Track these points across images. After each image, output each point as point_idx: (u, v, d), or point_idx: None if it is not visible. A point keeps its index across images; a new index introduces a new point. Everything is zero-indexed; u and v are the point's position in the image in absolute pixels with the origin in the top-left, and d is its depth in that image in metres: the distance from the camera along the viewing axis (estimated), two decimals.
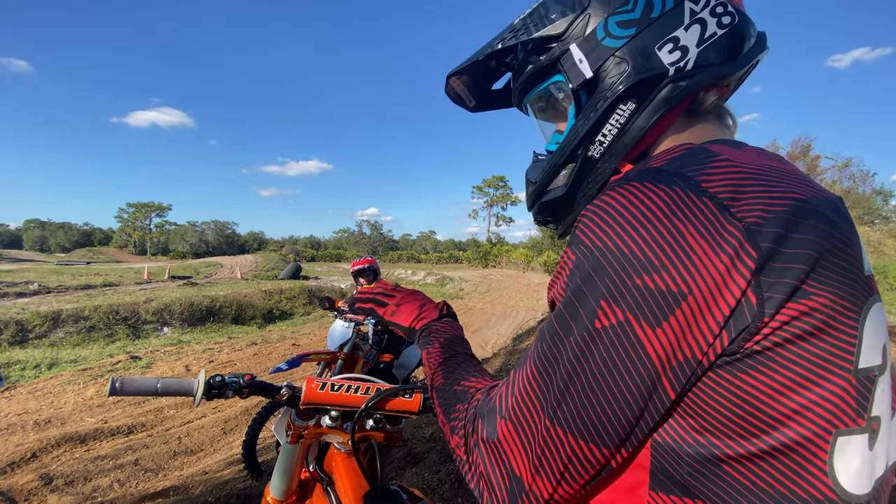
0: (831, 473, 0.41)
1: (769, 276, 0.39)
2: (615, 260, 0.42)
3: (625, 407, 0.43)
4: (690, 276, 0.40)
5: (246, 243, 70.09)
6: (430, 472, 2.90)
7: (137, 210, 65.24)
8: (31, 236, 66.67)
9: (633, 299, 0.41)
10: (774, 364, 0.40)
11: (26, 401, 5.17)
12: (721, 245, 0.40)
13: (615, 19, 0.56)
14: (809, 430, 0.40)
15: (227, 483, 3.13)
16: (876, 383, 0.43)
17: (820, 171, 20.10)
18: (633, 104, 0.56)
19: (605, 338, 0.43)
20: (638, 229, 0.42)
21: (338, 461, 1.14)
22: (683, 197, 0.42)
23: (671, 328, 0.40)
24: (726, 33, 0.55)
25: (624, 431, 0.44)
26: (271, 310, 12.49)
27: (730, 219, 0.40)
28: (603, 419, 0.44)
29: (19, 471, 3.57)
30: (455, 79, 0.73)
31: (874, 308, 0.44)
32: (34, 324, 8.45)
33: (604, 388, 0.43)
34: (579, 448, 0.45)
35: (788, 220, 0.40)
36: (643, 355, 0.41)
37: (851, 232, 0.44)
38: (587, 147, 0.60)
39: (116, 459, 3.78)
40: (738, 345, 0.40)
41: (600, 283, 0.43)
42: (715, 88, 0.58)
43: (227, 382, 0.90)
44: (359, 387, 0.99)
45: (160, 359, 7.24)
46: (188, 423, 4.65)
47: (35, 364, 6.67)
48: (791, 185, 0.43)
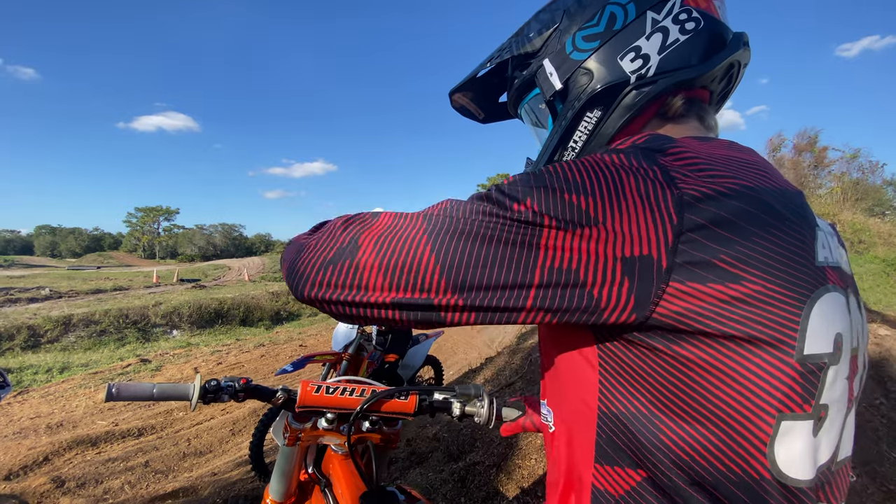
0: (770, 455, 0.42)
1: (687, 245, 0.41)
2: (556, 178, 0.45)
3: (497, 269, 0.44)
4: (611, 210, 0.42)
5: (253, 245, 70.55)
6: (434, 472, 2.91)
7: (146, 214, 65.88)
8: (43, 242, 67.60)
9: (553, 203, 0.43)
10: (704, 338, 0.42)
11: (38, 404, 5.25)
12: (650, 202, 0.42)
13: (582, 34, 0.60)
14: (748, 410, 0.42)
15: (235, 484, 3.16)
16: (825, 371, 0.44)
17: (828, 162, 19.84)
18: (600, 111, 0.60)
19: (512, 217, 0.44)
20: (587, 168, 0.45)
21: (335, 463, 1.15)
22: (634, 161, 0.45)
23: (572, 237, 0.43)
24: (690, 38, 0.56)
25: (479, 283, 0.45)
26: (279, 311, 12.57)
27: (670, 186, 0.43)
28: (479, 263, 0.45)
29: (32, 474, 3.63)
30: (458, 95, 0.79)
31: (828, 297, 0.44)
32: (46, 329, 8.57)
33: (491, 253, 0.45)
34: (433, 272, 0.46)
35: (724, 203, 0.42)
36: (536, 242, 0.43)
37: (800, 224, 0.45)
38: (561, 153, 0.63)
39: (127, 461, 3.82)
40: (650, 307, 0.42)
41: (534, 185, 0.45)
42: (684, 92, 0.60)
43: (223, 386, 0.92)
44: (354, 389, 1.00)
45: (169, 361, 7.31)
46: (197, 424, 4.70)
47: (47, 368, 6.76)
48: (743, 174, 0.45)
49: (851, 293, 0.53)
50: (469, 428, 3.41)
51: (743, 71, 0.65)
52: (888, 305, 9.33)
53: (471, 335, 9.49)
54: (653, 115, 0.61)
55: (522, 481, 2.61)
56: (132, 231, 66.47)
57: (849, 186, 18.43)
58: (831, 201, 17.87)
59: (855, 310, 0.52)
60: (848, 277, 0.54)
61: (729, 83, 0.65)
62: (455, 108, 0.82)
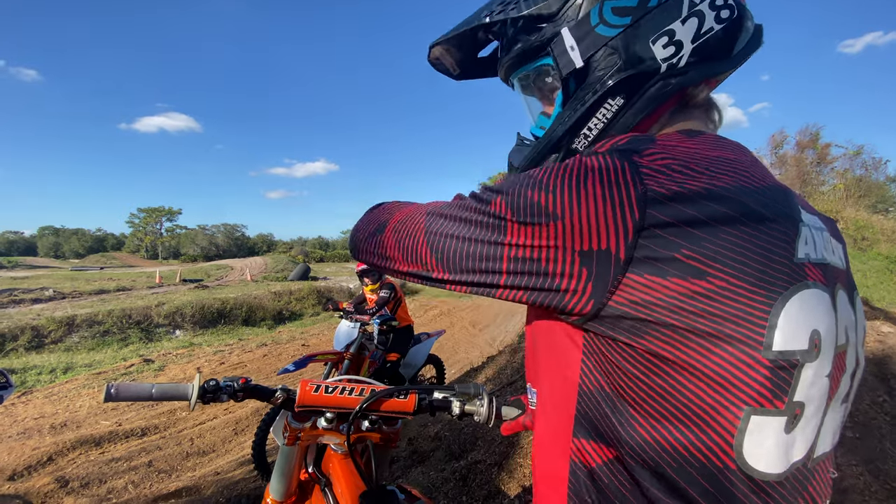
0: (737, 447, 0.43)
1: (648, 240, 0.41)
2: (528, 180, 0.47)
3: (474, 256, 0.50)
4: (570, 207, 0.43)
5: (255, 245, 70.68)
6: (436, 471, 2.91)
7: (148, 215, 66.02)
8: (46, 243, 67.84)
9: (518, 201, 0.46)
10: (669, 332, 0.42)
11: (42, 405, 5.27)
12: (613, 198, 0.42)
13: (611, 4, 0.53)
14: (715, 402, 0.42)
15: (238, 483, 3.17)
16: (799, 369, 0.43)
17: (831, 159, 19.71)
18: (622, 100, 0.54)
19: (487, 212, 0.49)
20: (560, 170, 0.46)
21: (335, 462, 1.15)
22: (609, 161, 0.45)
23: (531, 232, 0.45)
24: (724, 28, 0.52)
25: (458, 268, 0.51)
26: (281, 311, 12.58)
27: (636, 184, 0.43)
28: (458, 252, 0.51)
29: (36, 474, 3.64)
30: (439, 48, 0.69)
31: (804, 294, 0.44)
32: (50, 329, 8.59)
33: (466, 240, 0.50)
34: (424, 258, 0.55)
35: (693, 201, 0.42)
36: (503, 234, 0.47)
37: (779, 221, 0.45)
38: (572, 139, 0.58)
39: (130, 461, 3.84)
40: (606, 296, 0.43)
41: (508, 186, 0.48)
42: (706, 83, 0.57)
43: (222, 386, 0.92)
44: (353, 388, 1.00)
45: (172, 361, 7.33)
46: (200, 424, 4.72)
47: (51, 369, 6.78)
48: (717, 172, 0.45)
49: (842, 289, 0.52)
50: (470, 427, 3.41)
51: None
52: (892, 303, 9.29)
53: (472, 334, 9.49)
54: (672, 107, 0.57)
55: (524, 480, 2.60)
56: (135, 232, 66.60)
57: (852, 183, 18.34)
58: (834, 198, 17.80)
59: (845, 306, 0.52)
60: (839, 273, 0.53)
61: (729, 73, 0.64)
62: (430, 61, 0.73)
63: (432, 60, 0.72)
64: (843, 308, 0.51)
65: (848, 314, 0.52)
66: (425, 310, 13.10)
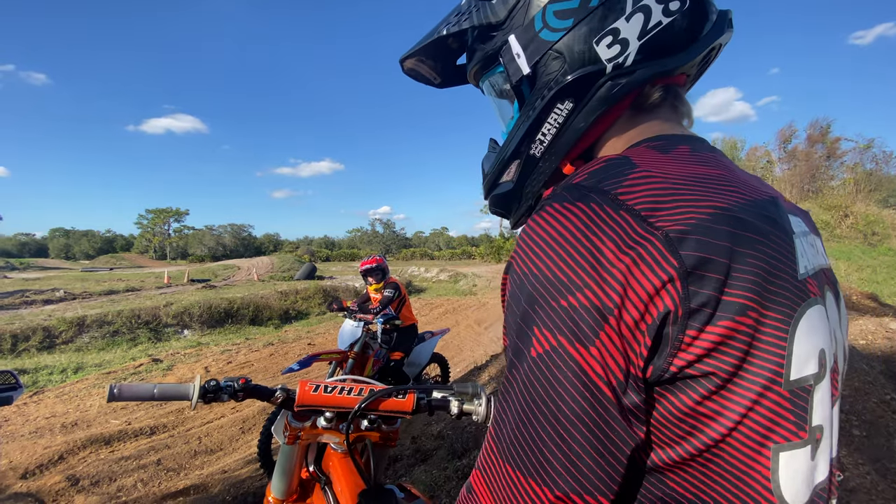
0: (776, 490, 0.40)
1: (694, 284, 0.38)
2: (541, 285, 0.42)
3: (578, 438, 0.39)
4: (613, 289, 0.39)
5: (262, 245, 71.10)
6: (438, 470, 2.92)
7: (156, 216, 66.55)
8: (57, 245, 68.66)
9: (562, 321, 0.40)
10: (705, 382, 0.39)
11: (54, 404, 5.35)
12: (642, 255, 0.39)
13: (553, 8, 0.52)
14: (747, 447, 0.40)
15: (245, 481, 3.21)
16: (813, 392, 0.42)
17: (840, 153, 19.48)
18: (571, 103, 0.53)
19: (542, 365, 0.41)
20: (558, 251, 0.41)
21: (335, 461, 1.16)
22: (600, 212, 0.41)
23: (603, 344, 0.39)
24: (674, 21, 0.49)
25: (586, 468, 0.39)
26: (287, 310, 12.65)
27: (648, 229, 0.39)
28: (559, 456, 0.40)
29: (47, 472, 3.70)
30: (410, 60, 0.68)
31: (809, 313, 0.42)
32: (61, 329, 8.71)
33: (552, 421, 0.40)
34: (542, 494, 0.40)
35: (708, 229, 0.39)
36: (582, 376, 0.39)
37: (780, 235, 0.43)
38: (528, 145, 0.58)
39: (140, 460, 3.89)
40: (668, 360, 0.39)
41: (531, 312, 0.42)
42: (662, 82, 0.54)
43: (222, 386, 0.93)
44: (352, 388, 1.01)
45: (180, 361, 7.41)
46: (208, 423, 4.77)
47: (62, 369, 6.88)
48: (712, 193, 0.42)
49: (829, 290, 0.51)
50: (473, 426, 3.42)
51: (720, 51, 0.58)
52: None
53: (477, 332, 9.49)
54: (627, 107, 0.55)
55: None
56: (143, 232, 67.16)
57: (862, 177, 18.10)
58: (844, 193, 17.59)
59: (832, 307, 0.50)
60: (825, 273, 0.52)
61: (705, 64, 0.60)
62: (407, 73, 0.71)
63: (407, 72, 0.71)
64: (832, 310, 0.50)
65: (834, 314, 0.51)
66: (431, 308, 13.13)
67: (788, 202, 0.55)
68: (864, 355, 3.51)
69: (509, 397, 0.44)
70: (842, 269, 11.20)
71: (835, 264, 11.83)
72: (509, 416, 0.43)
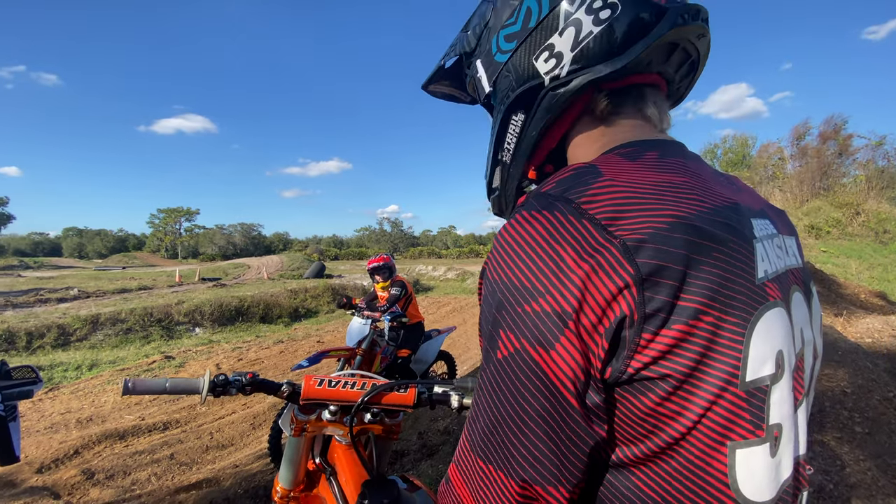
0: (733, 485, 0.42)
1: (649, 290, 0.40)
2: (507, 291, 0.44)
3: (540, 434, 0.42)
4: (572, 295, 0.41)
5: (272, 244, 71.62)
6: (444, 464, 2.96)
7: (168, 215, 67.32)
8: (70, 244, 69.69)
9: (526, 326, 0.42)
10: (662, 384, 0.41)
11: (69, 400, 5.48)
12: (600, 262, 0.41)
13: (504, 32, 0.59)
14: (704, 445, 0.42)
15: (256, 475, 3.27)
16: (769, 393, 0.43)
17: (853, 150, 19.14)
18: (523, 115, 0.59)
19: (506, 367, 0.44)
20: (524, 258, 0.44)
21: (339, 453, 1.21)
22: (563, 221, 0.43)
23: (564, 348, 0.41)
24: (604, 29, 0.51)
25: (548, 462, 0.43)
26: (297, 308, 12.77)
27: (608, 237, 0.41)
28: (522, 451, 0.43)
29: (63, 467, 3.80)
30: (433, 87, 0.77)
31: (768, 316, 0.44)
32: (75, 327, 8.87)
33: (515, 419, 0.43)
34: (508, 484, 0.44)
35: (665, 238, 0.41)
36: (543, 378, 0.42)
37: (738, 244, 0.44)
38: (500, 153, 0.64)
39: (153, 454, 3.99)
40: (625, 362, 0.41)
41: (499, 316, 0.45)
42: (610, 86, 0.56)
43: (231, 381, 0.98)
44: (355, 382, 1.05)
45: (192, 358, 7.52)
46: (220, 419, 4.86)
47: (76, 365, 7.03)
48: (672, 201, 0.44)
49: (797, 290, 0.52)
50: None
51: (702, 48, 0.58)
52: None
53: None
54: (580, 113, 0.59)
55: None
56: (155, 232, 68.01)
57: (874, 175, 17.76)
58: (856, 190, 17.30)
59: (799, 306, 0.52)
60: (793, 273, 0.53)
61: (692, 66, 0.60)
62: (437, 97, 0.79)
63: (436, 96, 0.79)
64: (798, 310, 0.51)
65: (802, 314, 0.52)
66: (438, 306, 13.17)
67: (761, 203, 0.56)
68: (869, 353, 3.49)
69: (480, 396, 0.47)
70: (853, 268, 11.04)
71: (846, 262, 11.66)
72: (479, 413, 0.47)
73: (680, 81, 0.62)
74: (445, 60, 0.70)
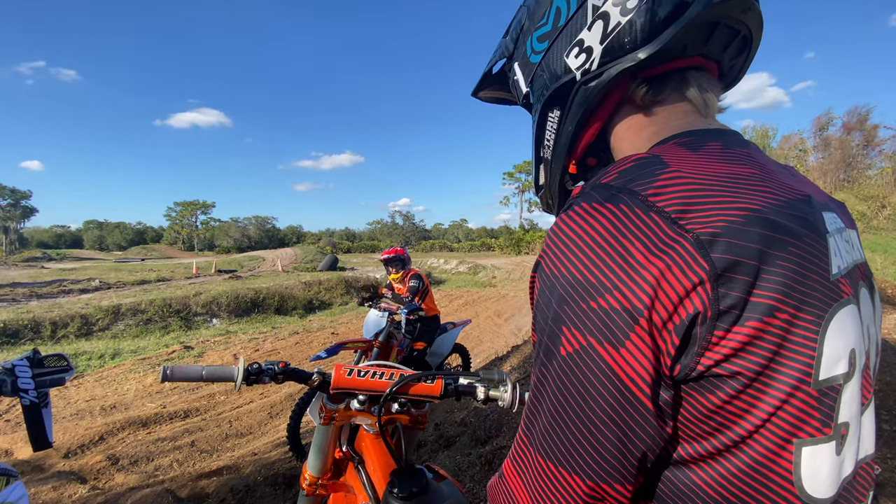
0: (797, 482, 0.41)
1: (724, 286, 0.39)
2: (571, 287, 0.43)
3: (608, 434, 0.42)
4: (644, 291, 0.40)
5: (285, 237, 72.32)
6: (462, 455, 2.98)
7: (184, 208, 68.27)
8: (91, 236, 71.25)
9: (593, 322, 0.41)
10: (732, 382, 0.40)
11: (93, 388, 5.63)
12: (673, 258, 0.39)
13: (536, 34, 0.60)
14: (771, 443, 0.41)
15: (274, 463, 3.33)
16: (841, 392, 0.42)
17: (879, 141, 18.60)
18: (559, 111, 0.59)
19: (573, 364, 0.43)
20: (587, 253, 0.43)
21: (367, 442, 1.22)
22: (630, 214, 0.42)
23: (634, 345, 0.40)
24: (632, 18, 0.50)
25: (615, 461, 0.42)
26: (311, 300, 12.91)
27: (679, 231, 0.40)
28: (589, 450, 0.43)
29: (89, 452, 3.92)
30: (483, 93, 0.79)
31: (841, 313, 0.42)
32: (97, 317, 9.10)
33: (583, 417, 0.42)
34: (573, 482, 0.44)
35: (739, 231, 0.39)
36: (612, 377, 0.41)
37: (813, 238, 0.43)
38: (541, 150, 0.65)
39: (175, 441, 4.08)
40: (695, 359, 0.40)
41: (561, 312, 0.43)
42: (645, 74, 0.55)
43: (264, 369, 0.99)
44: (384, 373, 1.06)
45: (210, 348, 7.67)
46: (238, 408, 4.95)
47: (100, 354, 7.22)
48: (744, 194, 0.42)
49: (863, 286, 0.50)
50: (496, 413, 3.46)
51: (751, 22, 0.54)
52: None
53: (497, 324, 9.51)
54: (617, 104, 0.58)
55: None
56: (172, 224, 69.07)
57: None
58: (882, 182, 16.83)
59: (866, 303, 0.50)
60: (860, 268, 0.52)
61: (743, 43, 0.57)
62: (486, 101, 0.81)
63: (485, 101, 0.81)
64: (866, 306, 0.50)
65: (868, 310, 0.51)
66: (451, 299, 13.20)
67: (824, 195, 0.54)
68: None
69: (542, 393, 0.46)
70: (878, 262, 10.77)
71: (871, 257, 11.37)
72: (542, 410, 0.46)
73: (731, 60, 0.59)
74: (492, 66, 0.72)
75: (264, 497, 2.89)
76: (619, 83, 0.55)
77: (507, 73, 0.71)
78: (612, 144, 0.61)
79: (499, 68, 0.72)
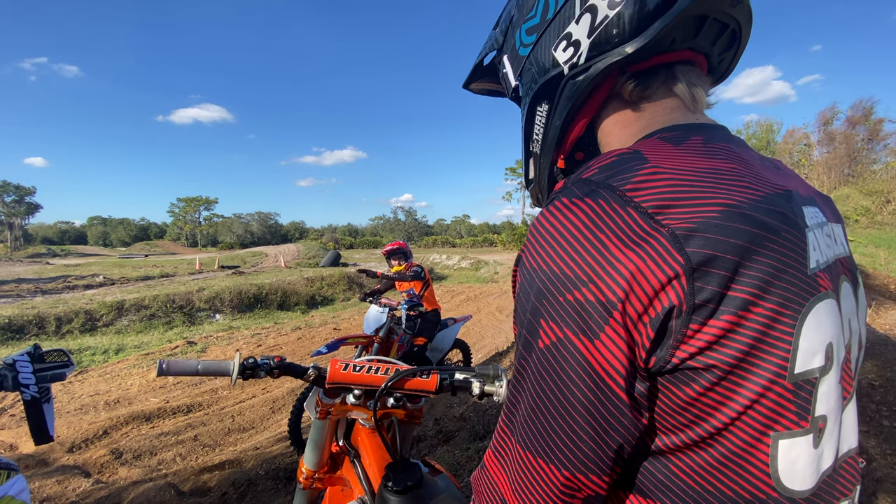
0: (774, 474, 0.42)
1: (700, 280, 0.39)
2: (548, 280, 0.44)
3: (584, 425, 0.43)
4: (618, 285, 0.40)
5: (288, 233, 72.56)
6: (461, 450, 2.99)
7: (187, 204, 68.47)
8: (95, 232, 71.68)
9: (569, 315, 0.42)
10: (707, 374, 0.41)
11: (97, 383, 5.68)
12: (648, 252, 0.40)
13: (525, 27, 0.60)
14: (747, 435, 0.41)
15: (276, 458, 3.35)
16: (817, 385, 0.43)
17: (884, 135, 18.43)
18: (547, 105, 0.59)
19: (550, 356, 0.43)
20: (565, 247, 0.43)
21: (363, 436, 1.23)
22: (607, 209, 0.42)
23: (609, 338, 0.41)
24: (619, 11, 0.50)
25: (591, 452, 0.43)
26: (313, 296, 12.95)
27: (655, 226, 0.40)
28: (566, 440, 0.44)
29: (92, 446, 3.95)
30: (474, 85, 0.79)
31: (819, 307, 0.43)
32: (101, 313, 9.15)
33: (560, 408, 0.43)
34: (550, 472, 0.45)
35: (716, 226, 0.40)
36: (588, 368, 0.42)
37: (790, 233, 0.43)
38: (530, 144, 0.64)
39: (178, 435, 4.11)
40: (670, 351, 0.41)
41: (539, 305, 0.44)
42: (632, 69, 0.54)
43: (259, 364, 1.00)
44: (379, 367, 1.06)
45: (213, 343, 7.70)
46: (240, 402, 4.98)
47: (104, 350, 7.26)
48: (722, 189, 0.42)
49: (845, 280, 0.51)
50: (494, 409, 3.48)
51: (740, 16, 0.53)
52: None
53: (499, 319, 9.52)
54: (605, 99, 0.58)
55: None
56: (175, 220, 69.36)
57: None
58: (886, 177, 16.70)
59: (848, 297, 0.51)
60: (843, 262, 0.52)
61: (732, 38, 0.56)
62: (478, 93, 0.81)
63: (477, 93, 0.81)
64: (847, 301, 0.50)
65: (850, 304, 0.51)
66: (452, 295, 13.20)
67: (809, 189, 0.54)
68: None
69: (521, 385, 0.47)
70: (882, 258, 10.72)
71: (874, 252, 11.33)
72: (521, 402, 0.47)
73: (721, 55, 0.58)
74: (482, 58, 0.72)
75: (266, 491, 2.92)
76: (608, 77, 0.55)
77: (496, 65, 0.71)
78: (600, 139, 0.61)
79: (489, 60, 0.71)
